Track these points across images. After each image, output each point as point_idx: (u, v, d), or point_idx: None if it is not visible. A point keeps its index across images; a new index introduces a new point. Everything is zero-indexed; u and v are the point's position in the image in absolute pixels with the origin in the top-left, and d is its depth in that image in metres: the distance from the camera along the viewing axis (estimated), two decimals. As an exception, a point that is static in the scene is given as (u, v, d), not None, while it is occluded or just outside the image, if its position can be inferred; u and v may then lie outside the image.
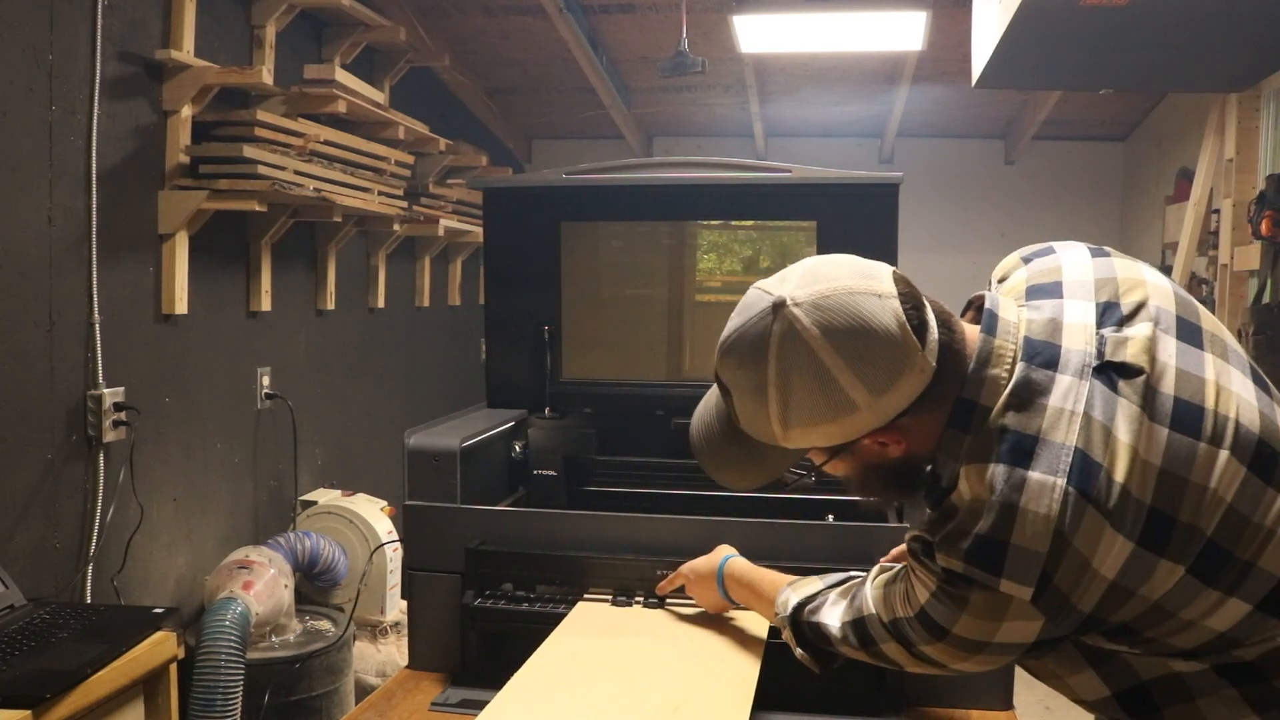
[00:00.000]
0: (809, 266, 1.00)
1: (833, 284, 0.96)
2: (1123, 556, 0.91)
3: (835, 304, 0.95)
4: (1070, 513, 0.90)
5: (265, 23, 3.11)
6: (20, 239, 2.27)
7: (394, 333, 4.25)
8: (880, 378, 0.95)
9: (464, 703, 1.62)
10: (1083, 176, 5.62)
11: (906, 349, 0.95)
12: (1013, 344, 1.00)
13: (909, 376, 0.96)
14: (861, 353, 0.94)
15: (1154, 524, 0.92)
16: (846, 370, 0.94)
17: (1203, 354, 1.00)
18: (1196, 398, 0.96)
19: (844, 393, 0.95)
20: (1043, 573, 0.91)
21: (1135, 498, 0.92)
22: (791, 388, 0.96)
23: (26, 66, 2.26)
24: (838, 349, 0.94)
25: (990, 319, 1.02)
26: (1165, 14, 2.60)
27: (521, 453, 2.20)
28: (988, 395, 0.98)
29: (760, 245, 2.49)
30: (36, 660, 1.80)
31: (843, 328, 0.94)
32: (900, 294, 0.97)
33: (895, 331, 0.95)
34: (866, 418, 0.97)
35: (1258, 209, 3.11)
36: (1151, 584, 0.93)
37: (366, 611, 3.19)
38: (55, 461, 2.39)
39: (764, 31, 3.79)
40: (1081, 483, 0.91)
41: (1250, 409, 0.98)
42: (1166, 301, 1.02)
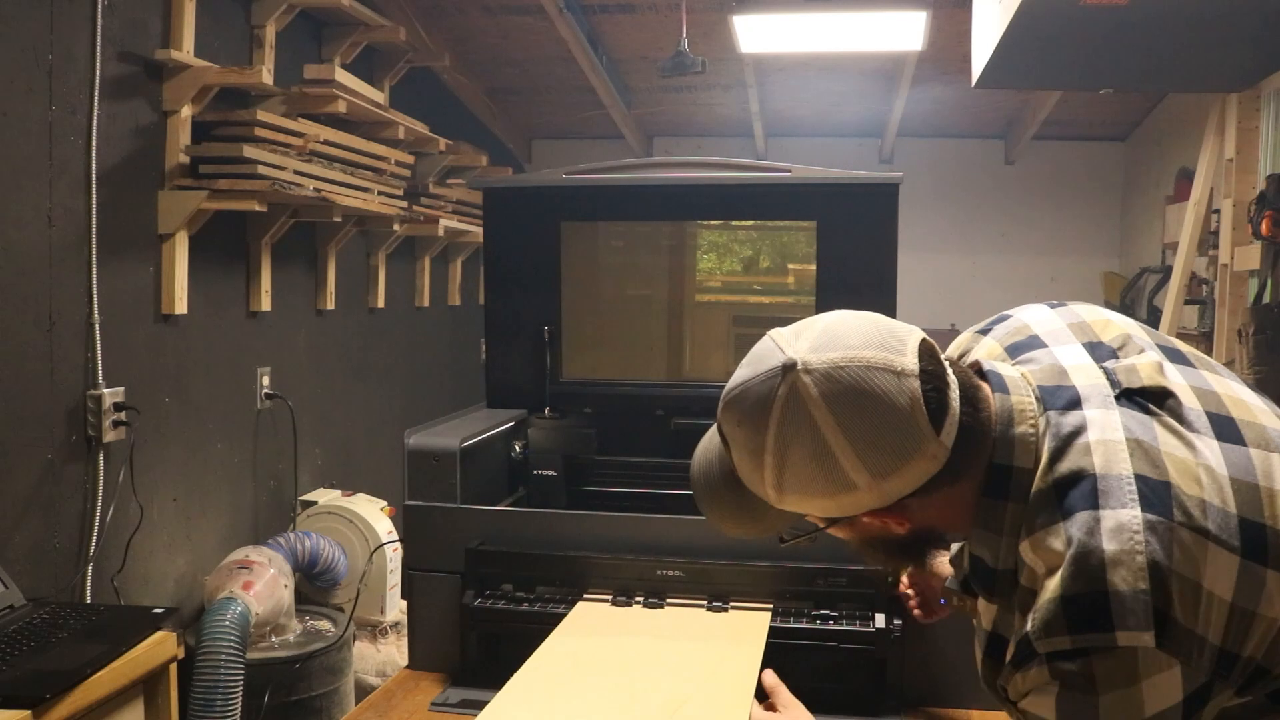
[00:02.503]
0: (829, 324, 0.93)
1: (850, 353, 0.88)
2: (1232, 571, 0.85)
3: (848, 377, 0.87)
4: (1159, 540, 0.83)
5: (265, 23, 3.11)
6: (20, 239, 2.27)
7: (394, 333, 4.25)
8: (885, 462, 0.88)
9: (464, 703, 1.62)
10: (1083, 176, 5.62)
11: (919, 436, 0.87)
12: (1028, 397, 0.93)
13: (917, 463, 0.88)
14: (868, 435, 0.87)
15: (1249, 533, 0.86)
16: (849, 451, 0.87)
17: (1199, 371, 0.98)
18: (1220, 410, 0.94)
19: (844, 473, 0.88)
20: (1157, 611, 0.82)
21: (1219, 508, 0.86)
22: (789, 458, 0.90)
23: (26, 66, 2.26)
24: (843, 428, 0.87)
25: (997, 378, 0.95)
26: (1165, 14, 2.60)
27: (521, 453, 2.20)
28: (1021, 456, 0.91)
29: (760, 245, 2.49)
30: (36, 660, 1.80)
31: (852, 405, 0.87)
32: (923, 371, 0.88)
33: (909, 416, 0.87)
34: (866, 498, 0.91)
35: (1258, 209, 3.11)
36: (1268, 599, 0.85)
37: (366, 611, 3.19)
38: (55, 461, 2.39)
39: (764, 31, 3.79)
40: (1158, 506, 0.85)
41: (1266, 413, 0.96)
42: (1134, 329, 1.01)
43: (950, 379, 0.90)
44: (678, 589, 1.66)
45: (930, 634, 1.55)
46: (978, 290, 5.71)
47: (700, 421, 2.19)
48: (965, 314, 5.65)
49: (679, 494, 2.12)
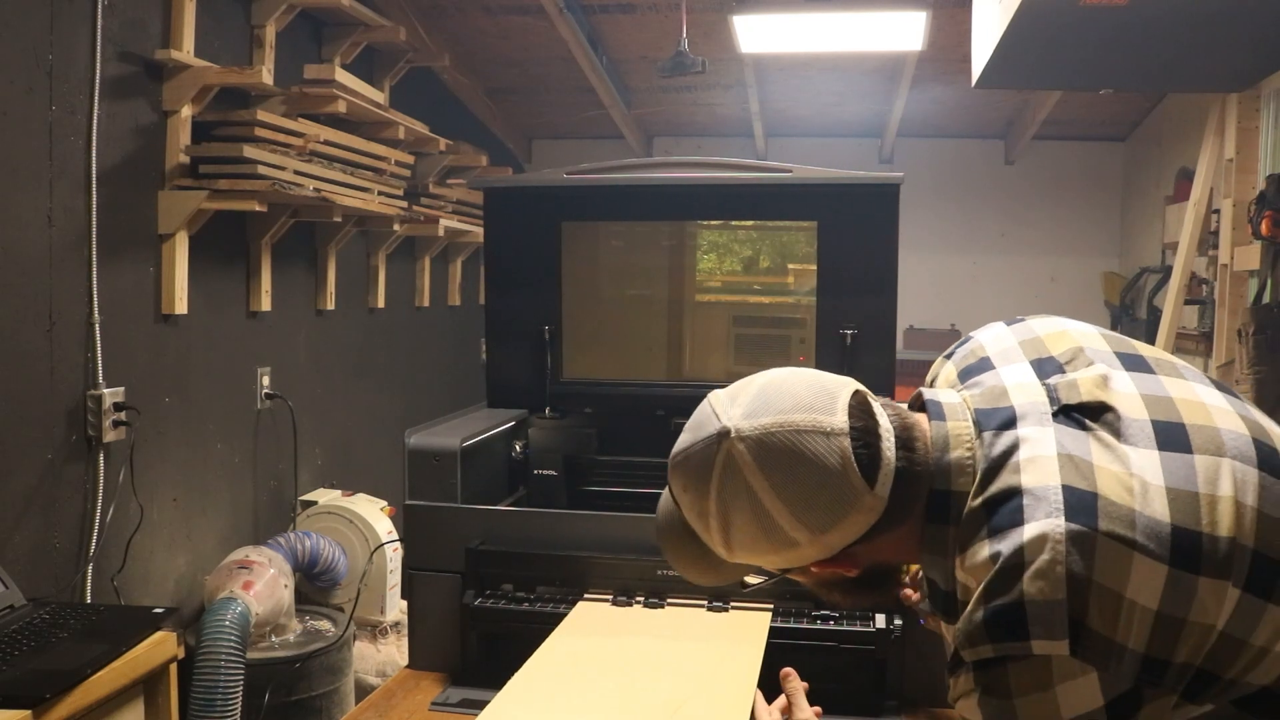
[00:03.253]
0: (763, 387, 0.96)
1: (780, 417, 0.92)
2: (1158, 581, 0.85)
3: (778, 443, 0.91)
4: (1080, 550, 0.85)
5: (265, 23, 3.11)
6: (20, 239, 2.27)
7: (394, 333, 4.25)
8: (822, 519, 0.92)
9: (464, 703, 1.62)
10: (1083, 176, 5.63)
11: (853, 492, 0.91)
12: (965, 421, 0.96)
13: (854, 516, 0.92)
14: (803, 496, 0.91)
15: (1180, 541, 0.86)
16: (786, 513, 0.91)
17: (1157, 376, 0.98)
18: (1171, 417, 0.93)
19: (785, 532, 0.92)
20: (1072, 620, 0.84)
21: (1151, 517, 0.87)
22: (732, 521, 0.94)
23: (26, 66, 2.26)
24: (778, 491, 0.91)
25: (935, 406, 0.98)
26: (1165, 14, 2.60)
27: (522, 453, 2.20)
28: (957, 479, 0.94)
29: (760, 245, 2.49)
30: (36, 660, 1.80)
31: (785, 469, 0.91)
32: (853, 428, 0.92)
33: (841, 474, 0.91)
34: (810, 552, 0.95)
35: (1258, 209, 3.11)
36: (1201, 606, 0.86)
37: (366, 611, 3.19)
38: (55, 461, 2.39)
39: (764, 31, 3.79)
40: (1082, 516, 0.86)
41: (1228, 415, 0.95)
42: (1097, 343, 1.01)
43: (883, 430, 0.94)
44: (678, 589, 1.66)
45: (930, 634, 1.55)
46: (978, 290, 5.71)
47: (700, 421, 2.19)
48: (965, 314, 5.66)
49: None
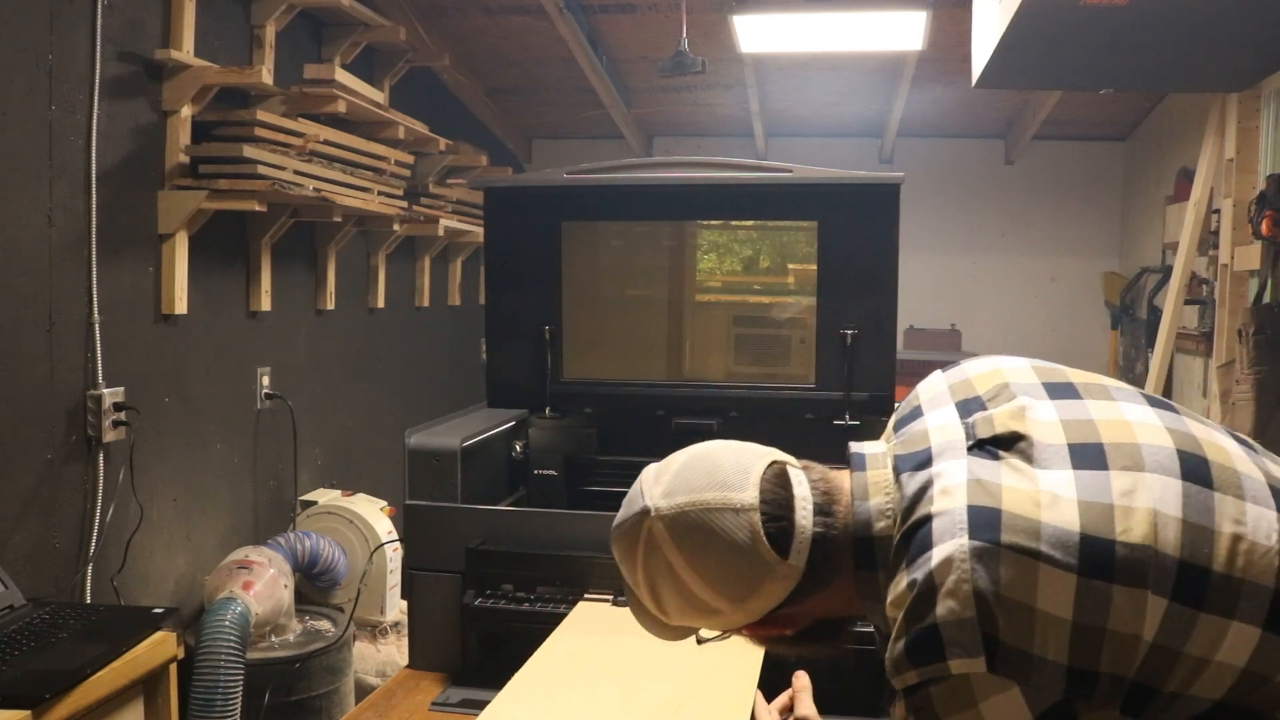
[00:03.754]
0: (683, 465, 1.02)
1: (694, 496, 0.97)
2: (1068, 590, 0.85)
3: (691, 521, 0.96)
4: (985, 566, 0.86)
5: (265, 23, 3.11)
6: (20, 239, 2.27)
7: (394, 333, 4.25)
8: (739, 590, 0.97)
9: (464, 703, 1.62)
10: (1083, 176, 5.62)
11: (763, 564, 0.96)
12: (884, 469, 0.99)
13: (770, 586, 0.97)
14: (717, 570, 0.96)
15: (1090, 549, 0.86)
16: (703, 585, 0.97)
17: (1083, 402, 0.99)
18: (1091, 438, 0.94)
19: (706, 603, 0.98)
20: (985, 636, 0.85)
21: (1057, 527, 0.87)
22: (659, 592, 1.00)
23: (26, 66, 2.26)
24: (693, 566, 0.96)
25: (857, 459, 1.02)
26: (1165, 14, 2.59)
27: (522, 453, 2.20)
28: (877, 524, 0.96)
29: (760, 245, 2.49)
30: (36, 660, 1.80)
31: (698, 546, 0.96)
32: (764, 503, 0.96)
33: (751, 548, 0.95)
34: (737, 618, 1.00)
35: (1258, 209, 3.11)
36: (1118, 615, 0.86)
37: (366, 611, 3.19)
38: (55, 461, 2.39)
39: (764, 31, 3.79)
40: (985, 531, 0.87)
41: (1155, 430, 0.95)
42: (1026, 376, 1.03)
43: (798, 500, 0.98)
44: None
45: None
46: (978, 290, 5.71)
47: (700, 421, 2.19)
48: (965, 314, 5.66)
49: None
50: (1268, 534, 0.89)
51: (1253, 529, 0.89)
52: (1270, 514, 0.91)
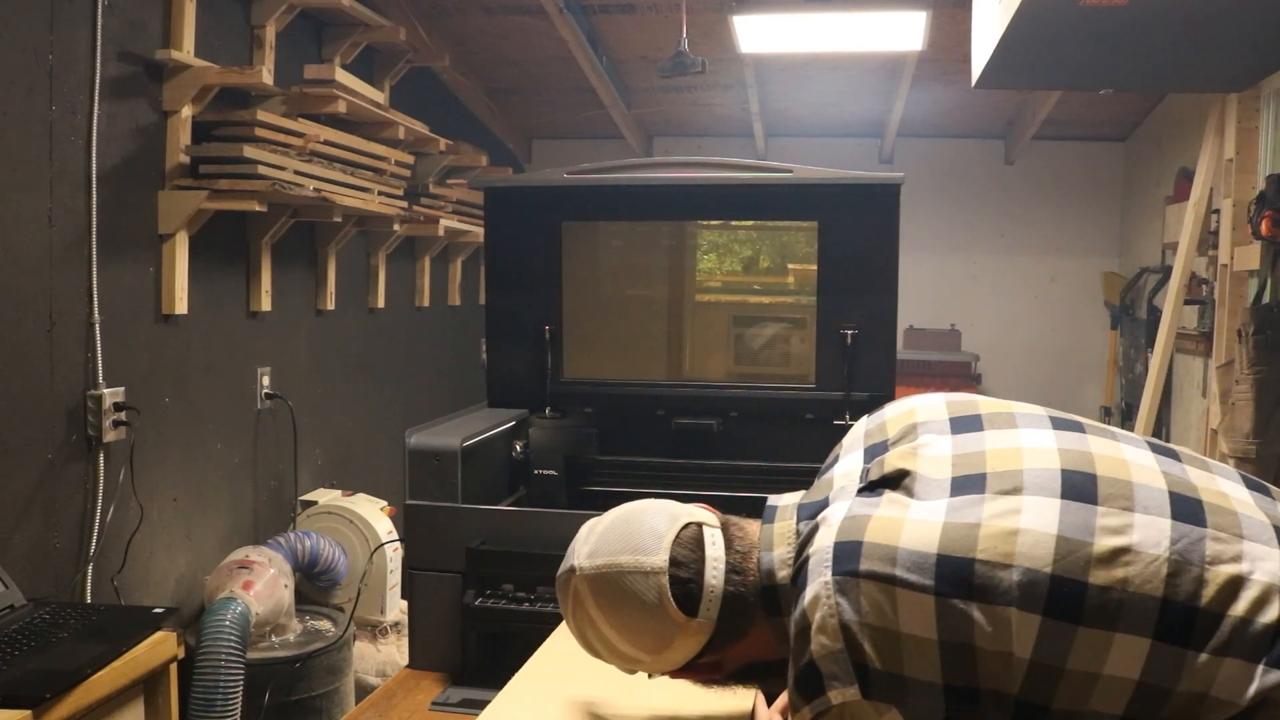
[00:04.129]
0: (608, 527, 1.10)
1: (610, 559, 1.07)
2: (927, 611, 0.87)
3: (606, 582, 1.06)
4: (848, 598, 0.90)
5: (265, 23, 3.10)
6: (20, 239, 2.27)
7: (394, 333, 4.25)
8: (652, 643, 1.06)
9: (464, 702, 1.62)
10: (1083, 176, 5.62)
11: (672, 622, 1.04)
12: (790, 520, 1.04)
13: (682, 640, 1.05)
14: (630, 626, 1.06)
15: (947, 569, 0.88)
16: (620, 639, 1.07)
17: (983, 433, 1.02)
18: (976, 469, 0.97)
19: (625, 653, 1.08)
20: (857, 664, 0.88)
21: (914, 550, 0.90)
22: (589, 640, 1.10)
23: (26, 66, 2.26)
24: (610, 621, 1.06)
25: (769, 511, 1.08)
26: (1165, 14, 2.59)
27: (522, 453, 2.20)
28: (779, 574, 1.02)
29: (760, 245, 2.49)
30: (36, 660, 1.80)
31: (613, 604, 1.06)
32: (674, 564, 1.04)
33: (659, 608, 1.04)
34: (658, 666, 1.08)
35: (1258, 209, 3.11)
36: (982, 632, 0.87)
37: (366, 611, 3.19)
38: (55, 461, 2.39)
39: (764, 31, 3.79)
40: (845, 564, 0.91)
41: (1045, 454, 0.96)
42: (935, 413, 1.06)
43: (709, 561, 1.05)
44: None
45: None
46: (978, 290, 5.71)
47: (700, 421, 2.19)
48: (965, 314, 5.66)
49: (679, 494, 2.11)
50: (1156, 543, 0.89)
51: (1139, 540, 0.89)
52: (1163, 523, 0.90)
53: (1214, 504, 0.92)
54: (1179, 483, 0.94)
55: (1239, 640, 0.84)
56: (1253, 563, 0.88)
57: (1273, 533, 0.90)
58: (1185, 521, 0.90)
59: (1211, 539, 0.89)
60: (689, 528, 1.08)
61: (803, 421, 2.19)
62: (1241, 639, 0.84)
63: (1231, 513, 0.92)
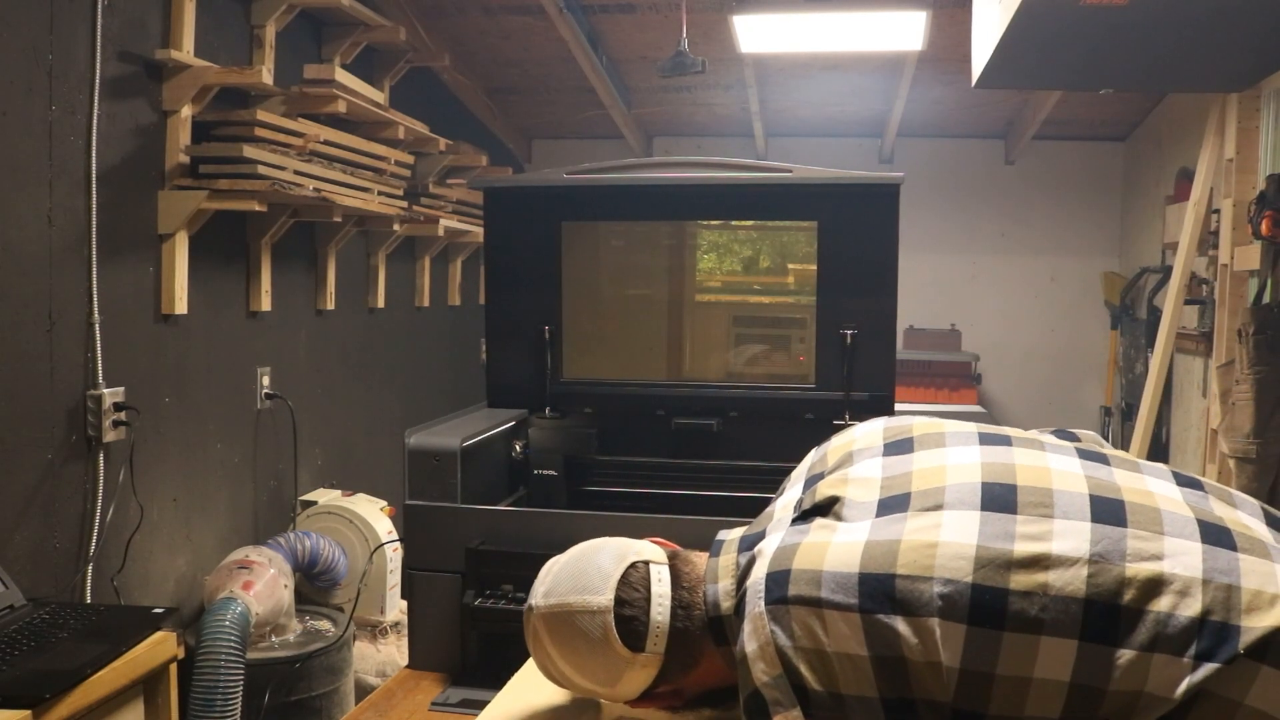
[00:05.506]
0: (561, 568, 1.15)
1: (561, 599, 1.11)
2: (854, 628, 0.90)
3: (557, 620, 1.11)
4: (780, 624, 0.93)
5: (265, 23, 3.11)
6: (20, 239, 2.27)
7: (394, 333, 4.25)
8: (604, 676, 1.10)
9: (464, 703, 1.62)
10: (1083, 176, 5.62)
11: (618, 658, 1.08)
12: (732, 554, 1.07)
13: (630, 674, 1.09)
14: (581, 660, 1.10)
15: (869, 587, 0.91)
16: (574, 673, 1.11)
17: (911, 455, 1.05)
18: (902, 489, 1.00)
19: (581, 685, 1.12)
20: (796, 687, 0.91)
21: (837, 572, 0.92)
22: (550, 672, 1.15)
23: (26, 66, 2.26)
24: (563, 656, 1.11)
25: (716, 545, 1.11)
26: (1165, 14, 2.59)
27: (522, 453, 2.20)
28: (724, 604, 1.05)
29: (760, 245, 2.49)
30: (36, 660, 1.80)
31: (563, 641, 1.11)
32: (620, 602, 1.08)
33: (605, 644, 1.08)
34: (615, 695, 1.12)
35: (1258, 209, 3.11)
36: (908, 645, 0.89)
37: (366, 611, 3.19)
38: (55, 461, 2.39)
39: (764, 31, 3.79)
40: (776, 592, 0.94)
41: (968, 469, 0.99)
42: (871, 439, 1.10)
43: (655, 598, 1.09)
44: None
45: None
46: (978, 290, 5.71)
47: (700, 421, 2.19)
48: (965, 314, 5.66)
49: (679, 494, 2.12)
50: (1076, 546, 0.90)
51: (1059, 544, 0.90)
52: (1083, 526, 0.91)
53: (1136, 503, 0.94)
54: (1102, 485, 0.96)
55: (1164, 636, 0.86)
56: (1174, 558, 0.89)
57: (1195, 527, 0.92)
58: (1106, 523, 0.92)
59: (1132, 537, 0.90)
60: (636, 567, 1.11)
61: (802, 421, 2.19)
62: (1166, 634, 0.86)
63: (1154, 510, 0.93)
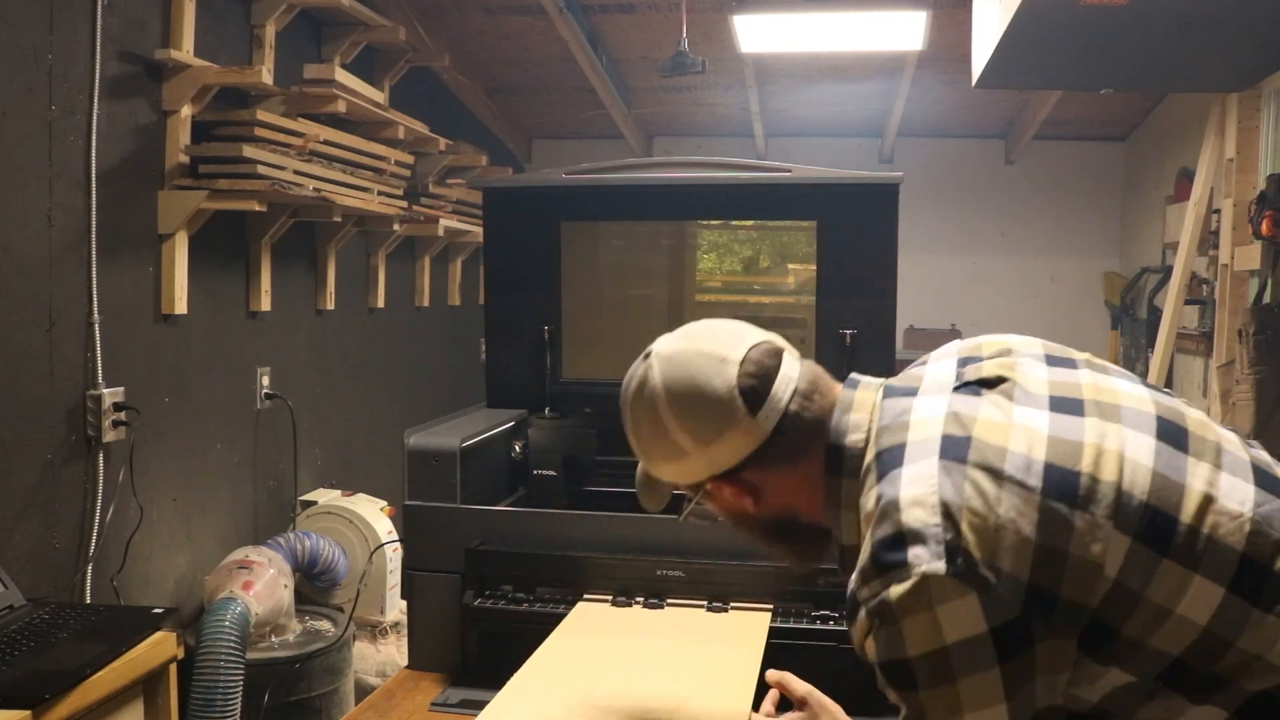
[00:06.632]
0: (691, 327, 1.12)
1: (690, 344, 1.08)
2: (1031, 510, 0.90)
3: (679, 362, 1.07)
4: (952, 480, 0.91)
5: (265, 22, 3.11)
6: (20, 239, 2.27)
7: (394, 333, 4.25)
8: (705, 430, 1.05)
9: (464, 703, 1.62)
10: (1083, 176, 5.62)
11: (730, 411, 1.04)
12: (873, 391, 1.07)
13: (734, 435, 1.04)
14: (690, 408, 1.05)
15: (1054, 477, 0.91)
16: (674, 422, 1.05)
17: (1075, 370, 1.05)
18: (1071, 394, 1.00)
19: (674, 440, 1.06)
20: (948, 543, 0.89)
21: (1023, 454, 0.92)
22: (640, 428, 1.09)
23: (26, 66, 2.26)
24: (671, 402, 1.06)
25: (851, 381, 1.10)
26: (1165, 14, 2.59)
27: (521, 453, 2.20)
28: (851, 436, 1.04)
29: (760, 245, 2.48)
30: (36, 660, 1.80)
31: (680, 384, 1.06)
32: (747, 362, 1.05)
33: (722, 395, 1.04)
34: (699, 464, 1.07)
35: (1258, 209, 3.11)
36: (1080, 541, 0.89)
37: (366, 611, 3.19)
38: (55, 461, 2.39)
39: (764, 31, 3.79)
40: (954, 453, 0.93)
41: (1140, 399, 1.01)
42: (1029, 347, 1.09)
43: (783, 376, 1.06)
44: (678, 589, 1.66)
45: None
46: (978, 290, 5.71)
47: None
48: (965, 314, 5.65)
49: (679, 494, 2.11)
50: (1241, 502, 0.93)
51: (1225, 495, 0.93)
52: (1247, 487, 0.95)
53: None
54: (1258, 458, 1.00)
55: None
56: None
57: None
58: (1266, 490, 0.95)
59: None
60: (773, 345, 1.09)
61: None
62: None
63: None
